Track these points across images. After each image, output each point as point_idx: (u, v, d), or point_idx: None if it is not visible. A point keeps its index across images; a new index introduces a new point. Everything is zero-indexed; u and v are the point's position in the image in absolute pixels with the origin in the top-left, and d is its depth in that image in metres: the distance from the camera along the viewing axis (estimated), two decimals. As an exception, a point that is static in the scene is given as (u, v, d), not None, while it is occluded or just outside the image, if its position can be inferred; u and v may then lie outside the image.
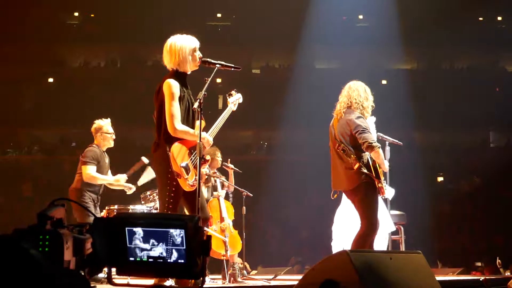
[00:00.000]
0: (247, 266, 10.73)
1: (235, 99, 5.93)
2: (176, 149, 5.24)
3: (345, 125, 6.18)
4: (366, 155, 6.13)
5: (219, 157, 8.73)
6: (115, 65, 23.63)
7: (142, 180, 7.82)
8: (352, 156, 6.08)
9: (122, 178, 7.58)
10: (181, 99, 5.34)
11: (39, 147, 21.99)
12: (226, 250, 7.84)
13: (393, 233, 8.43)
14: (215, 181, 8.39)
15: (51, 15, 21.73)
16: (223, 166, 8.82)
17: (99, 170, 7.55)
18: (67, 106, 20.51)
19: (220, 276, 8.28)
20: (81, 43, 22.00)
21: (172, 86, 5.30)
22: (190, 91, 5.49)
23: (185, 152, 5.29)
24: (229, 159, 8.96)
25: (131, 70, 22.49)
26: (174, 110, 5.26)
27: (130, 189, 7.84)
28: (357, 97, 6.28)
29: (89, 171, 7.42)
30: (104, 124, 7.75)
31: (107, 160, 7.77)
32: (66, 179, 7.76)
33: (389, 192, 7.18)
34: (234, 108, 5.91)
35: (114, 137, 7.79)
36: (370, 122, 7.16)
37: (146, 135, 5.41)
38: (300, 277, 4.51)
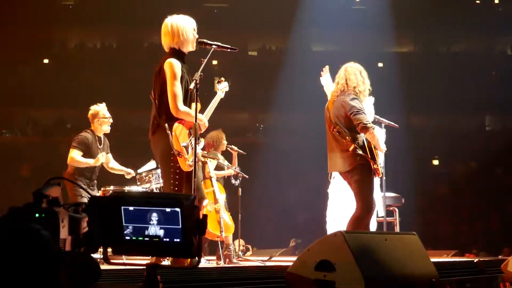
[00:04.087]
0: (250, 247, 10.77)
1: (223, 87, 6.02)
2: (178, 129, 5.25)
3: (340, 107, 6.16)
4: (361, 136, 6.12)
5: (224, 140, 8.84)
6: (111, 47, 23.52)
7: (142, 169, 7.89)
8: (347, 138, 6.08)
9: (101, 157, 7.59)
10: (181, 79, 5.33)
11: (35, 129, 21.95)
12: (221, 231, 7.87)
13: (388, 215, 8.47)
14: (206, 162, 8.40)
15: (47, -4, 21.59)
16: (228, 148, 8.89)
17: (89, 156, 7.58)
18: (62, 87, 20.42)
19: (215, 257, 8.32)
20: (77, 24, 21.87)
21: (174, 66, 5.29)
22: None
23: (185, 133, 5.30)
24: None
25: (127, 51, 22.38)
26: (177, 90, 5.25)
27: (129, 174, 7.89)
28: (354, 80, 6.26)
29: (72, 155, 7.53)
30: (100, 109, 7.78)
31: (101, 145, 7.78)
32: (62, 161, 7.78)
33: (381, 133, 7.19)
34: (222, 95, 5.98)
35: (111, 121, 7.80)
36: (369, 103, 7.21)
37: (142, 117, 5.41)
38: (295, 258, 4.53)
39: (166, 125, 5.24)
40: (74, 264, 2.51)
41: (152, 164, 7.79)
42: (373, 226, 7.61)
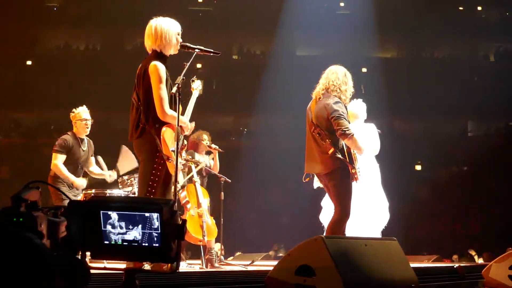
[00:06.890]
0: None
1: (197, 86, 6.00)
2: (167, 133, 5.22)
3: (323, 109, 6.12)
4: (341, 140, 6.11)
5: (204, 140, 8.70)
6: (95, 49, 23.46)
7: (124, 168, 7.79)
8: (327, 140, 6.04)
9: (82, 183, 7.58)
10: (166, 82, 5.31)
11: (17, 130, 21.84)
12: (204, 236, 7.84)
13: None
14: (191, 166, 8.34)
15: (31, -3, 21.49)
16: (208, 148, 8.76)
17: (70, 158, 7.56)
18: (46, 89, 20.35)
19: (197, 261, 8.29)
20: (61, 26, 21.80)
21: (160, 69, 5.26)
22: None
23: (173, 137, 5.27)
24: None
25: (111, 53, 22.34)
26: (163, 94, 5.23)
27: (111, 176, 7.84)
28: (335, 80, 6.23)
29: (56, 161, 7.51)
30: (78, 112, 7.74)
31: (85, 147, 7.74)
32: (45, 162, 7.74)
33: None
34: (197, 94, 5.97)
35: (89, 123, 7.74)
36: (361, 108, 7.36)
37: (125, 119, 5.40)
38: (276, 262, 4.54)
39: (153, 129, 5.21)
40: (66, 267, 2.51)
41: (132, 161, 7.66)
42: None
